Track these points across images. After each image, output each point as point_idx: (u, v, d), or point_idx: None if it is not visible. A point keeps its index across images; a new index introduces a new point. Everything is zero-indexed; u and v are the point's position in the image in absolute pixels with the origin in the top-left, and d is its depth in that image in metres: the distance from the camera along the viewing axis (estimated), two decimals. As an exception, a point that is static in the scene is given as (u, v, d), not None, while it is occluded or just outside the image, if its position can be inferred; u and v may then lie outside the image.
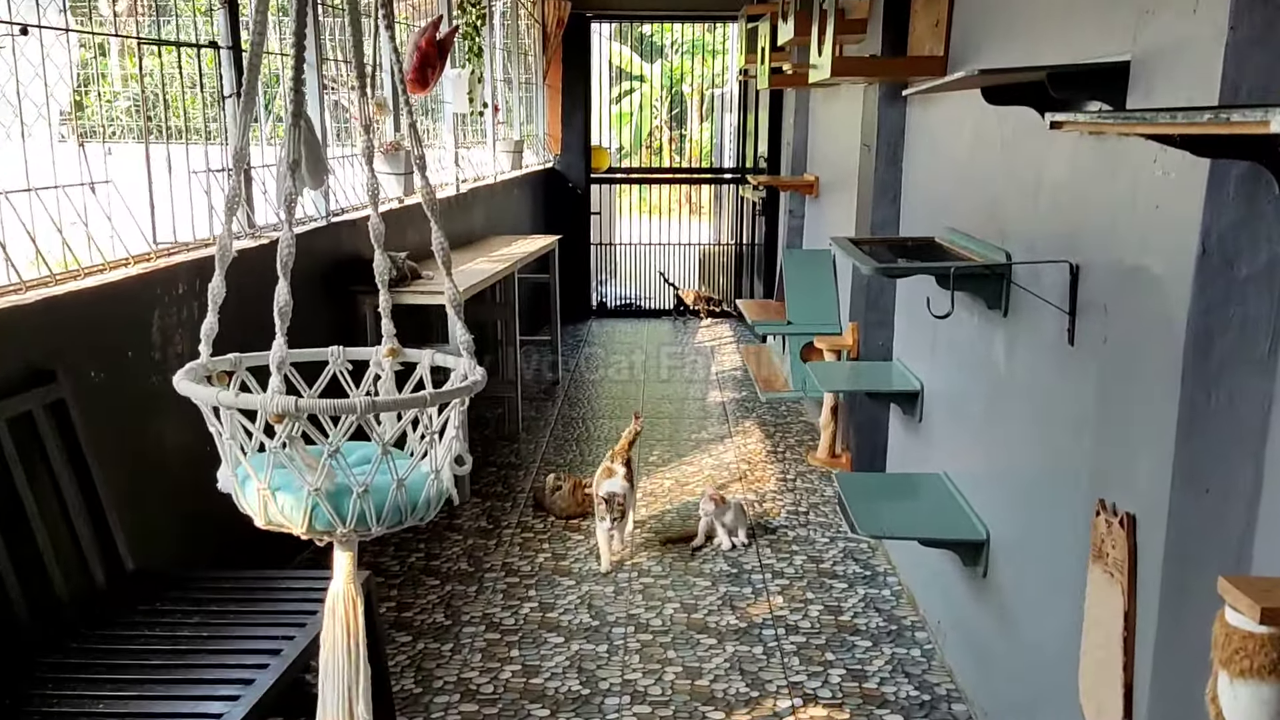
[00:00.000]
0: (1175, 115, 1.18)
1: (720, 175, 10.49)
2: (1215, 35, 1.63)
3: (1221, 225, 1.67)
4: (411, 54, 5.23)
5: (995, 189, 3.09)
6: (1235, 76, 1.61)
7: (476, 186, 6.77)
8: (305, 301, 4.35)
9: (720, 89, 11.85)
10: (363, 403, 1.89)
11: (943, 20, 3.56)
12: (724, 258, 9.92)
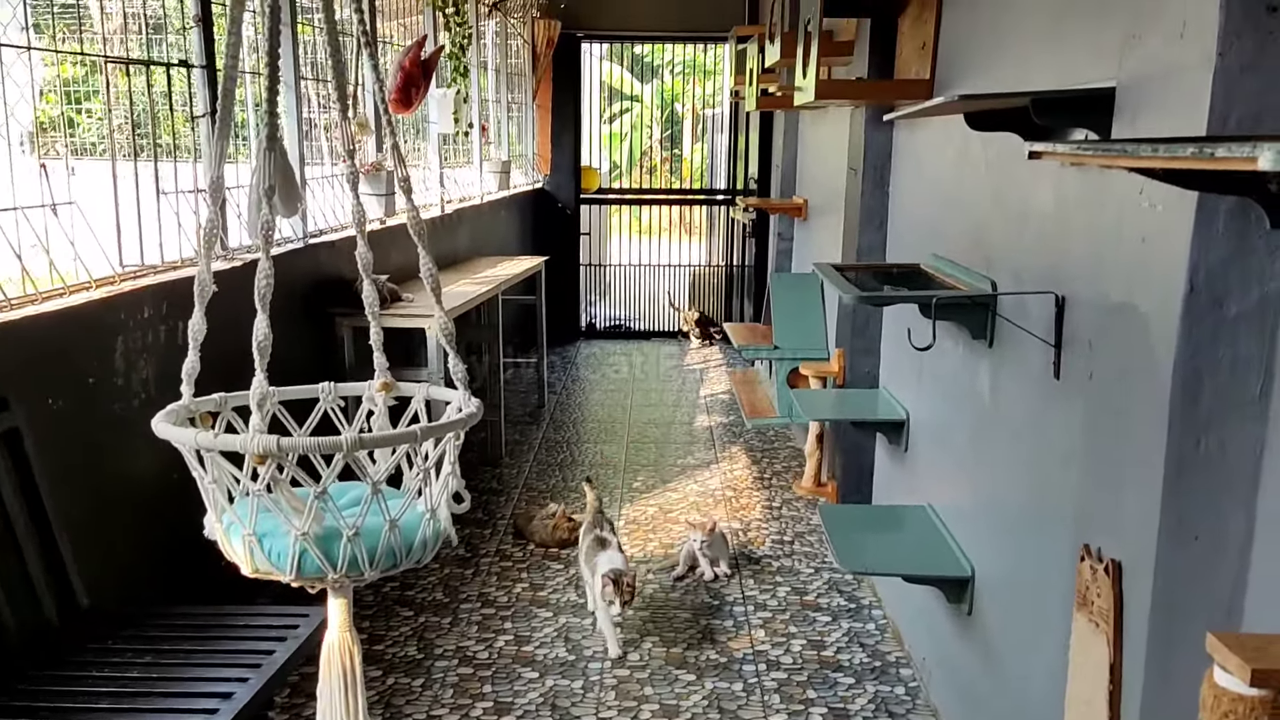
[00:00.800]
0: (1157, 148, 1.10)
1: (712, 196, 10.42)
2: (1203, 62, 1.55)
3: (1210, 261, 1.58)
4: (395, 74, 5.16)
5: (980, 216, 3.01)
6: (1224, 105, 1.53)
7: (462, 207, 6.69)
8: (282, 325, 4.24)
9: (713, 110, 11.81)
10: (349, 440, 1.81)
11: (929, 43, 3.49)
12: (714, 279, 9.85)
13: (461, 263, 6.44)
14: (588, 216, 9.47)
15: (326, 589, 2.03)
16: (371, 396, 2.25)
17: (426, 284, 2.10)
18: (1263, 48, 1.50)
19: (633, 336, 9.63)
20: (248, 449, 1.79)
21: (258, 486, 1.84)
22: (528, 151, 8.72)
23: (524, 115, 8.60)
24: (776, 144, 7.65)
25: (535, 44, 8.32)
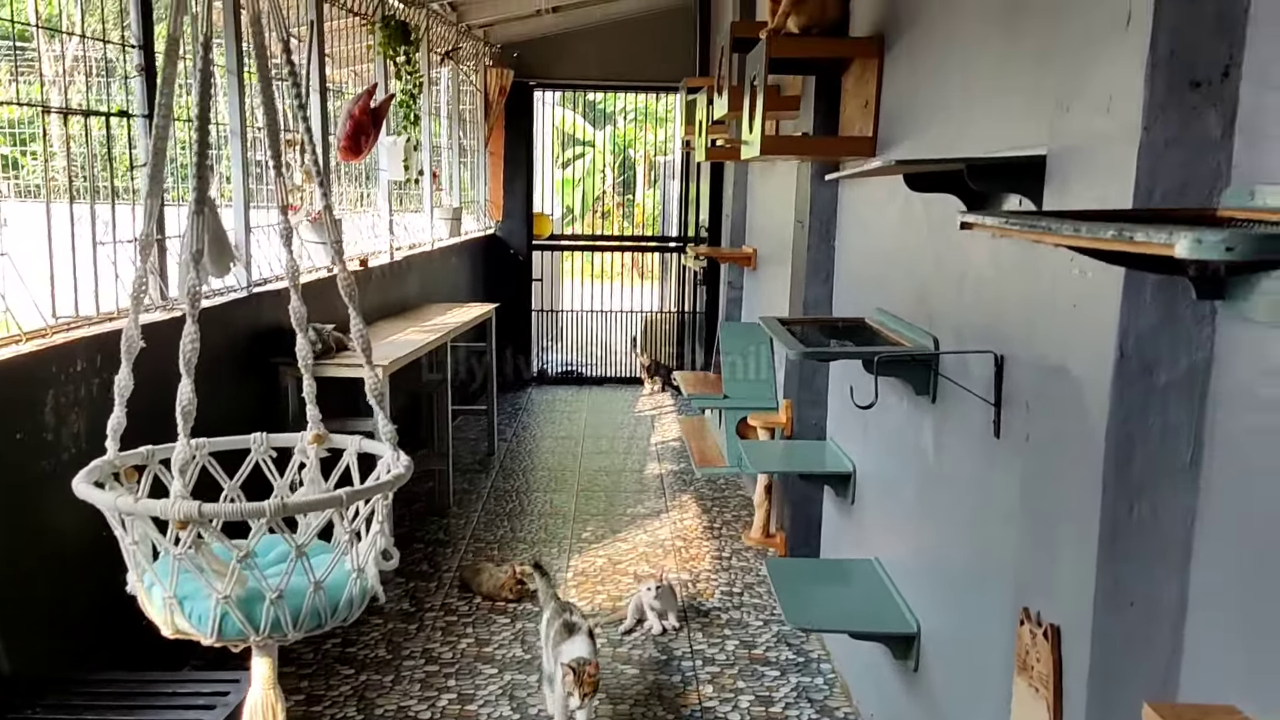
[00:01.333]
0: (1079, 228, 1.10)
1: (665, 243, 10.47)
2: (1129, 135, 1.57)
3: (1140, 329, 1.60)
4: (345, 122, 5.14)
5: (923, 273, 3.04)
6: (1149, 179, 1.56)
7: (412, 254, 6.65)
8: (226, 375, 4.20)
9: (666, 157, 11.91)
10: (273, 506, 1.77)
11: (871, 102, 3.54)
12: (667, 325, 9.86)
13: (412, 310, 6.38)
14: (540, 262, 9.47)
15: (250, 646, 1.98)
16: (304, 449, 2.21)
17: (356, 344, 2.08)
18: (1186, 123, 1.52)
19: (585, 382, 9.60)
20: (169, 514, 1.74)
21: (179, 551, 1.79)
22: (480, 198, 8.71)
23: (476, 161, 8.61)
24: (727, 193, 7.71)
25: (488, 92, 8.35)
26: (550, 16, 8.11)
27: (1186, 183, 1.55)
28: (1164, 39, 1.50)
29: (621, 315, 9.96)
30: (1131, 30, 1.56)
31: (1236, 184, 1.50)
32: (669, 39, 8.79)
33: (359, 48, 5.98)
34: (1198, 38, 1.49)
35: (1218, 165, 1.52)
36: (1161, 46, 1.51)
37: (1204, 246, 0.88)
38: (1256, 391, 1.45)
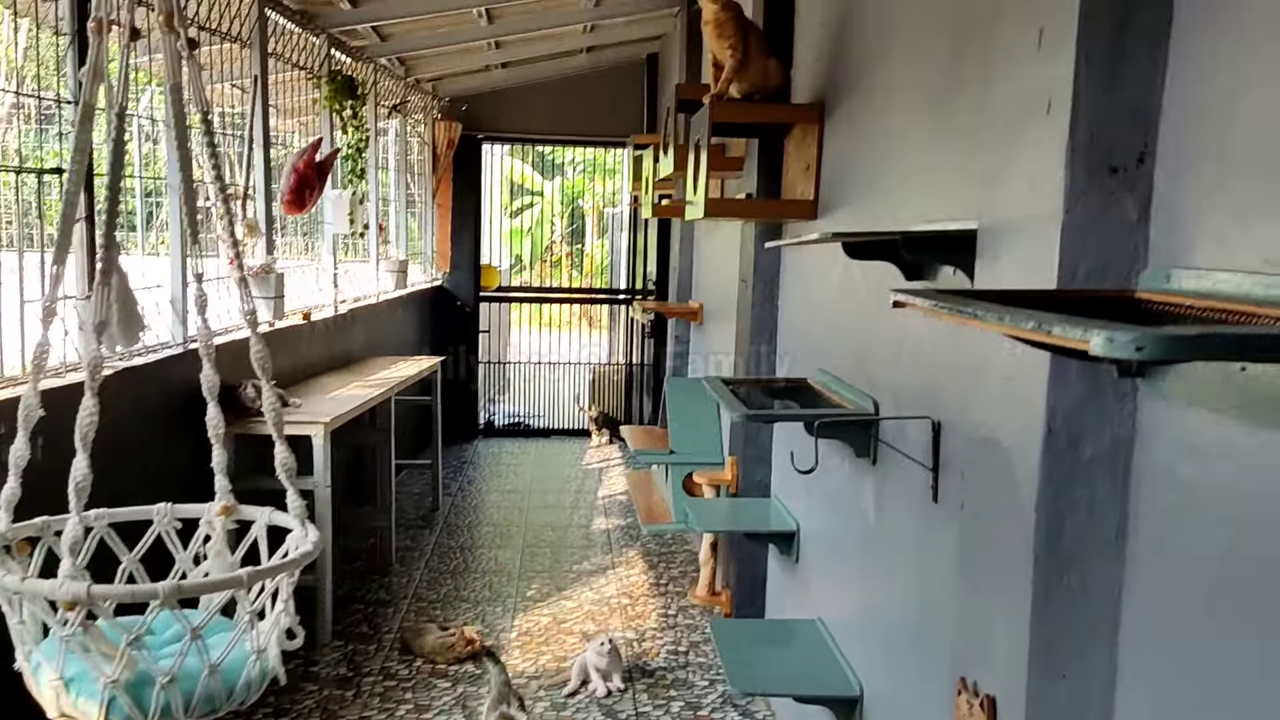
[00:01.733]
0: (1003, 316, 1.14)
1: (614, 296, 10.52)
2: (1052, 215, 1.63)
3: (1067, 404, 1.64)
4: (288, 175, 5.13)
5: (863, 336, 3.09)
6: (1072, 258, 1.61)
7: (357, 306, 6.62)
8: (159, 434, 4.12)
9: (615, 209, 12.00)
10: (166, 589, 1.73)
11: (813, 165, 3.61)
12: (615, 377, 9.88)
13: (356, 363, 6.34)
14: (487, 314, 9.46)
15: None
16: (210, 521, 2.18)
17: (268, 418, 2.05)
18: (1105, 206, 1.58)
19: (532, 434, 9.57)
20: (56, 596, 1.70)
21: (65, 633, 1.75)
22: (427, 249, 8.70)
23: (424, 212, 8.61)
24: (674, 248, 7.79)
25: (436, 145, 8.37)
26: (500, 71, 8.19)
27: (1108, 263, 1.60)
28: (1082, 126, 1.56)
29: (570, 367, 9.96)
30: (1052, 116, 1.62)
31: (1154, 266, 1.56)
32: (617, 95, 8.90)
33: (305, 100, 5.98)
34: (1114, 126, 1.55)
35: (1135, 247, 1.58)
36: (1080, 133, 1.56)
37: (1115, 345, 0.91)
38: (1175, 468, 1.49)
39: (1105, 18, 1.53)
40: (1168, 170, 1.53)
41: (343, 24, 5.79)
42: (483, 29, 6.66)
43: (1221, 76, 1.43)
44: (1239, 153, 1.39)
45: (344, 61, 6.23)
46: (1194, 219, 1.47)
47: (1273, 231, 1.31)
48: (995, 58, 1.92)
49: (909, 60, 2.77)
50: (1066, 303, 1.51)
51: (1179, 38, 1.52)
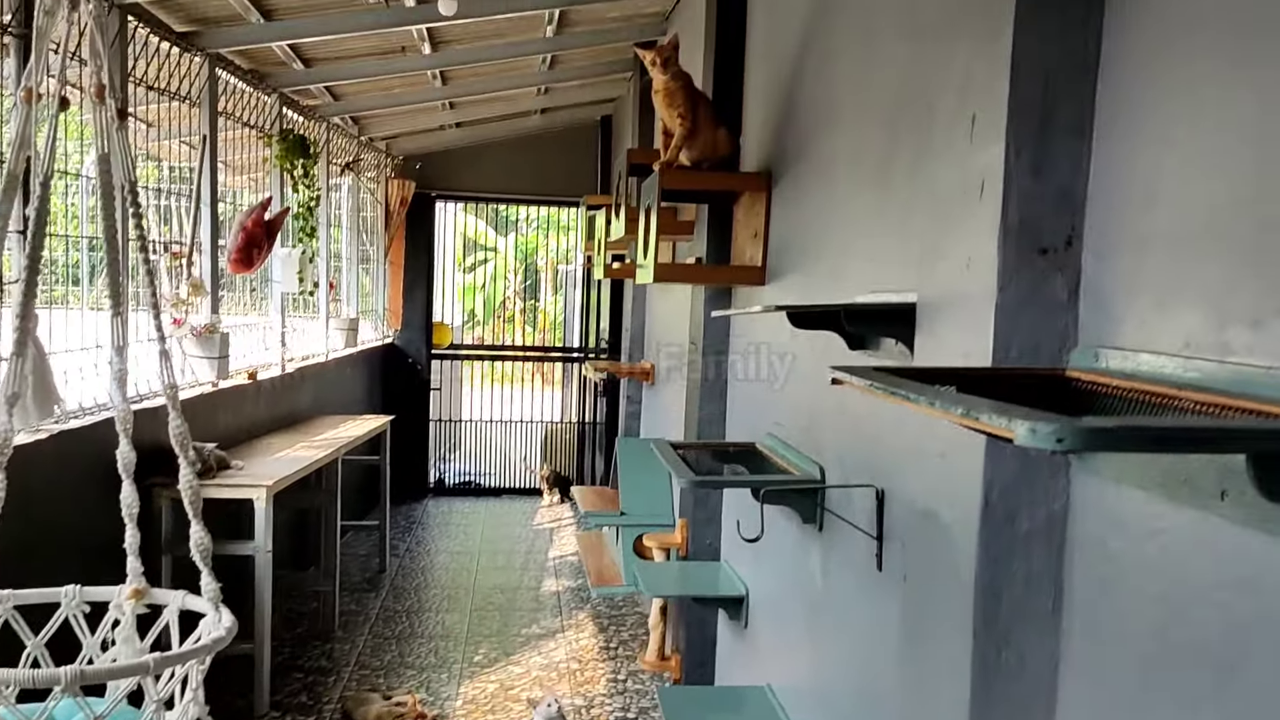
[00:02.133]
0: (934, 401, 1.17)
1: (568, 354, 10.53)
2: (987, 294, 1.67)
3: (1003, 479, 1.68)
4: (237, 234, 5.10)
5: (809, 402, 3.13)
6: (1006, 335, 1.65)
7: (305, 365, 6.56)
8: (92, 498, 4.03)
9: (569, 266, 12.06)
10: (69, 674, 1.68)
11: (761, 232, 3.67)
12: (568, 435, 9.86)
13: (303, 422, 6.26)
14: (439, 371, 9.42)
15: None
16: (120, 605, 2.13)
17: (185, 496, 2.02)
18: (1036, 286, 1.63)
19: (483, 493, 9.49)
20: None
21: None
22: (379, 307, 8.68)
23: (376, 270, 8.60)
24: (626, 307, 7.84)
25: (389, 203, 8.39)
26: (454, 131, 8.25)
27: (1039, 341, 1.65)
28: (1013, 210, 1.62)
29: (522, 425, 9.93)
30: (985, 199, 1.67)
31: (1083, 344, 1.61)
32: (571, 156, 9.01)
33: (255, 157, 5.98)
34: (1043, 210, 1.61)
35: (1065, 326, 1.63)
36: (1011, 216, 1.62)
37: (1038, 437, 0.94)
38: (1107, 543, 1.53)
39: (1032, 108, 1.60)
40: (1094, 253, 1.59)
41: (295, 84, 5.82)
42: (437, 90, 6.72)
43: (1140, 166, 1.49)
44: (1157, 239, 1.44)
45: (296, 120, 6.25)
46: (1119, 301, 1.53)
47: (1191, 316, 1.36)
48: (933, 139, 1.99)
49: (852, 135, 2.84)
50: (1001, 381, 1.55)
51: (1101, 129, 1.58)
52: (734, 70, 4.21)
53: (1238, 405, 1.17)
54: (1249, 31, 1.30)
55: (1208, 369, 1.28)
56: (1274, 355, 1.20)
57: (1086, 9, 1.60)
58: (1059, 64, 1.61)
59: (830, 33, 3.10)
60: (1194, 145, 1.39)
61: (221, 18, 4.64)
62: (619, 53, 6.80)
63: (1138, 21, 1.52)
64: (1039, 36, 1.61)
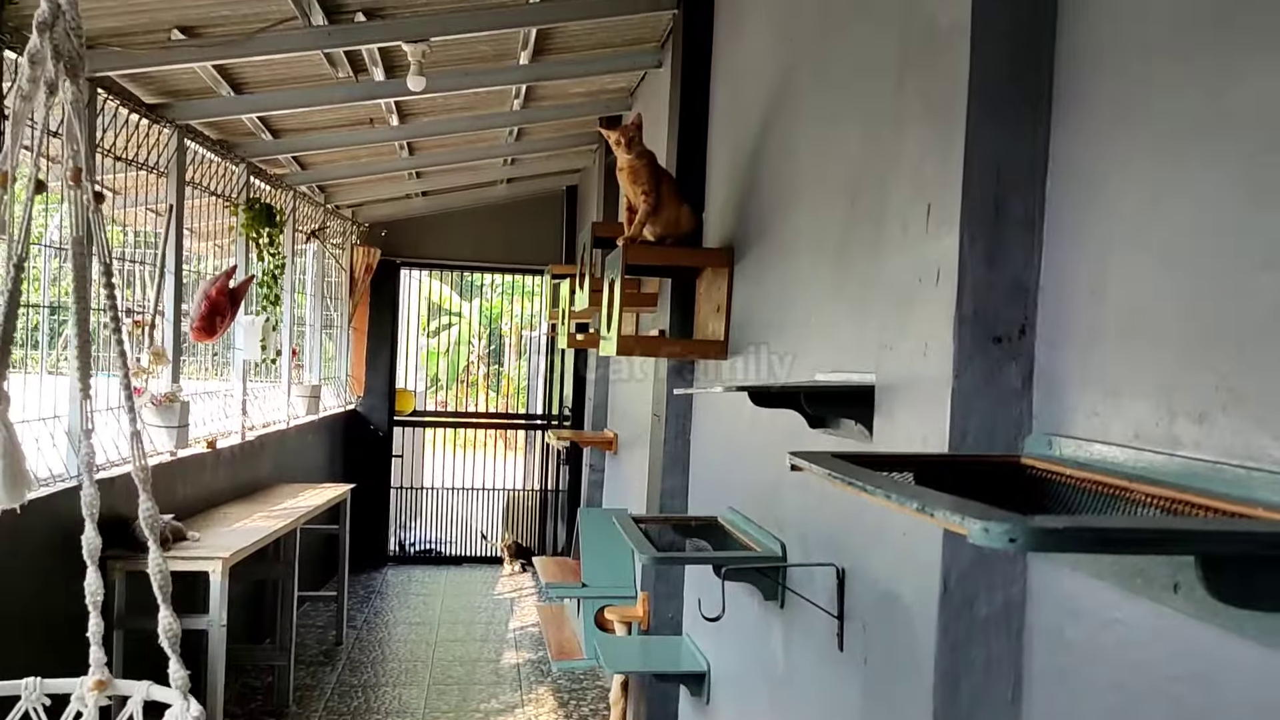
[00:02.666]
0: (890, 494, 1.18)
1: (531, 421, 10.49)
2: (943, 379, 1.70)
3: (961, 563, 1.68)
4: (200, 302, 5.07)
5: (771, 477, 3.14)
6: (962, 421, 1.67)
7: (266, 432, 6.49)
8: (49, 571, 3.93)
9: (533, 332, 12.07)
10: None
11: (723, 306, 3.71)
12: (530, 503, 9.79)
13: (263, 490, 6.18)
14: (401, 438, 9.35)
15: None
16: (82, 697, 2.07)
17: (155, 582, 1.98)
18: (991, 373, 1.66)
19: (444, 562, 9.37)
20: None
21: None
22: (341, 373, 8.62)
23: (339, 336, 8.56)
24: (590, 375, 7.84)
25: (353, 270, 8.39)
26: (420, 199, 8.29)
27: (994, 427, 1.67)
28: (968, 298, 1.65)
29: (484, 493, 9.84)
30: (940, 287, 1.71)
31: (1037, 431, 1.63)
32: (537, 224, 9.08)
33: (222, 224, 5.98)
34: (996, 300, 1.64)
35: (1020, 413, 1.65)
36: (966, 305, 1.65)
37: (990, 536, 0.95)
38: (1064, 632, 1.53)
39: (984, 201, 1.64)
40: (1046, 342, 1.62)
41: (263, 154, 5.84)
42: (404, 160, 6.77)
43: (1087, 259, 1.53)
44: (1106, 330, 1.48)
45: (263, 188, 6.26)
46: (1072, 390, 1.56)
47: (1140, 407, 1.38)
48: (890, 225, 2.03)
49: (813, 215, 2.89)
50: (958, 469, 1.57)
51: (1051, 222, 1.63)
52: (697, 147, 4.29)
53: (1186, 500, 1.19)
54: (1185, 134, 1.34)
55: (1157, 461, 1.31)
56: (1220, 450, 1.22)
57: (1035, 109, 1.65)
58: (1010, 160, 1.66)
59: (791, 115, 3.17)
60: (1137, 240, 1.43)
61: (192, 90, 4.66)
62: (585, 126, 6.90)
63: (1082, 123, 1.57)
64: (990, 133, 1.66)
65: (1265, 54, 1.22)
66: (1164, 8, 1.41)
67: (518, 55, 4.98)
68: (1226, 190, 1.27)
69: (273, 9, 3.81)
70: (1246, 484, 1.15)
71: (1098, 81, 1.55)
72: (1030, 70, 1.67)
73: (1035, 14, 1.67)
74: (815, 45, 2.97)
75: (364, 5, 3.98)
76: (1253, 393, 1.20)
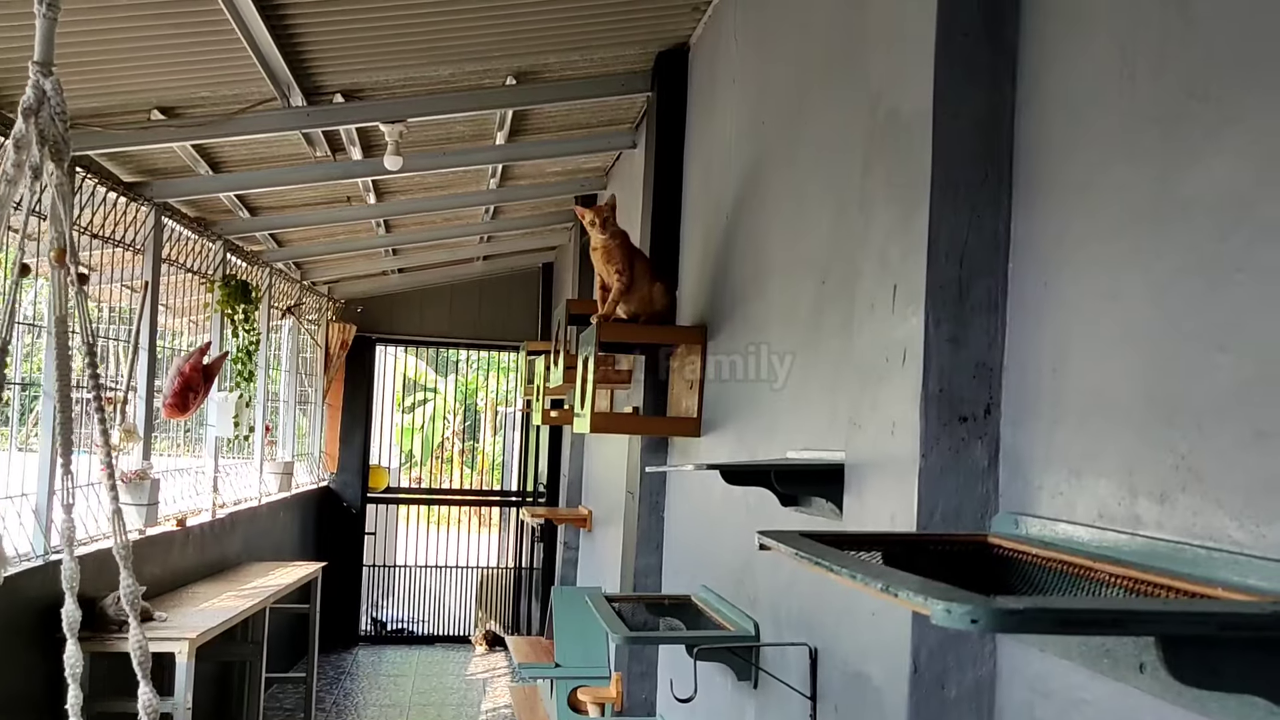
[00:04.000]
0: (855, 574, 1.18)
1: (506, 498, 10.41)
2: (911, 459, 1.71)
3: (931, 643, 1.68)
4: (173, 378, 5.05)
5: (744, 555, 3.12)
6: (930, 500, 1.68)
7: (238, 509, 6.40)
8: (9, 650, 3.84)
9: (509, 408, 12.05)
10: None
11: (697, 384, 3.72)
12: (504, 581, 9.66)
13: (232, 569, 6.07)
14: (374, 515, 9.24)
15: None
16: None
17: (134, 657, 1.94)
18: (957, 452, 1.67)
19: (416, 641, 9.20)
20: None
21: None
22: (315, 450, 8.55)
23: (313, 412, 8.51)
24: (565, 452, 7.82)
25: (329, 346, 8.38)
26: (396, 276, 8.33)
27: (961, 505, 1.68)
28: (933, 378, 1.67)
29: (458, 570, 9.72)
30: (907, 367, 1.73)
31: (1004, 510, 1.64)
32: (512, 301, 9.13)
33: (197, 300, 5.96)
34: (962, 380, 1.66)
35: (986, 492, 1.66)
36: (932, 384, 1.67)
37: (953, 617, 0.95)
38: (1034, 712, 1.52)
39: (949, 283, 1.67)
40: (1011, 422, 1.64)
41: (240, 231, 5.87)
42: (381, 238, 6.82)
43: (1049, 341, 1.56)
44: (1069, 411, 1.50)
45: (239, 265, 6.27)
46: (1036, 469, 1.57)
47: (1103, 486, 1.40)
48: (859, 305, 2.05)
49: (784, 294, 2.92)
50: (926, 548, 1.57)
51: (1013, 304, 1.66)
52: (671, 225, 4.35)
53: (1149, 580, 1.20)
54: (1140, 218, 1.38)
55: (1120, 541, 1.32)
56: (1181, 530, 1.23)
57: (996, 194, 1.70)
58: (973, 242, 1.70)
59: (763, 195, 3.23)
60: (1096, 321, 1.46)
61: (170, 169, 4.69)
62: (561, 205, 6.99)
63: (1042, 207, 1.61)
64: (952, 217, 1.69)
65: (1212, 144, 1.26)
66: (1116, 99, 1.45)
67: (494, 136, 5.05)
68: (1181, 273, 1.30)
69: (252, 90, 3.86)
70: (1207, 564, 1.16)
71: (1055, 167, 1.60)
72: (990, 157, 1.71)
73: (994, 102, 1.72)
74: (785, 128, 3.04)
75: (342, 87, 4.05)
76: (1211, 473, 1.21)
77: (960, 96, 1.73)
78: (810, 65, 2.84)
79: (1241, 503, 1.16)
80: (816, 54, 2.79)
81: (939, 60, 1.73)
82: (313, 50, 3.66)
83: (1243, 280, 1.20)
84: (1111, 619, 0.91)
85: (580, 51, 4.22)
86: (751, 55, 3.47)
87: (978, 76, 1.73)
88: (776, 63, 3.20)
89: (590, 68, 4.40)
